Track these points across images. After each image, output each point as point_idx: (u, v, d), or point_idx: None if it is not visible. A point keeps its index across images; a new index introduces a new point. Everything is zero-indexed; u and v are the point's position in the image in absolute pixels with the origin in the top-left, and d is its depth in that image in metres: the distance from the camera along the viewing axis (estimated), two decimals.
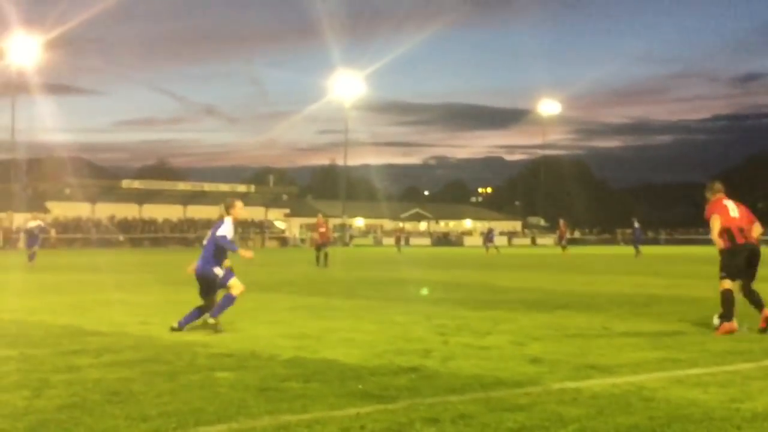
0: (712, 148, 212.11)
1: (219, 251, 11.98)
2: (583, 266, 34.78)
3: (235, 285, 12.07)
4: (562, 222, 54.22)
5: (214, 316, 11.57)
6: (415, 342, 10.52)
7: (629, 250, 55.78)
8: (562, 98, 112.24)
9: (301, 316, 13.75)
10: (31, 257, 30.94)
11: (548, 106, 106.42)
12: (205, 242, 12.14)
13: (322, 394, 7.14)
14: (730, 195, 12.81)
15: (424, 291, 8.59)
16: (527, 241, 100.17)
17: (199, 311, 11.78)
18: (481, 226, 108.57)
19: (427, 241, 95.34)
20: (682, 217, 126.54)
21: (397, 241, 68.91)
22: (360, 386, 7.47)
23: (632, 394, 7.11)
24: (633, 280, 24.18)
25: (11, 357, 9.12)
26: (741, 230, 12.16)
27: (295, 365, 8.67)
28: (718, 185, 12.85)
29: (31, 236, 32.16)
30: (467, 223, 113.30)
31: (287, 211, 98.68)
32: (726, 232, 12.18)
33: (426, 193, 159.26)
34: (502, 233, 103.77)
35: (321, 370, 8.35)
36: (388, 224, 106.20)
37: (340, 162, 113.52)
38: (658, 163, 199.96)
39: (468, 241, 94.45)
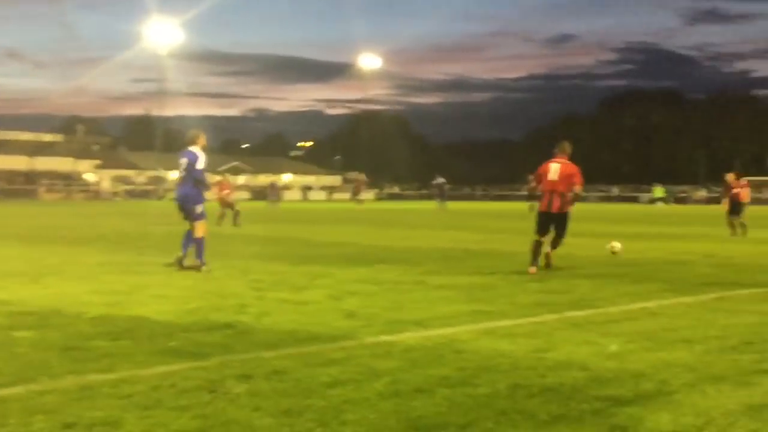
0: (528, 106, 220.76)
1: (199, 183, 13.50)
2: (400, 221, 35.49)
3: (201, 226, 13.51)
4: (357, 176, 54.94)
5: (202, 262, 13.31)
6: (230, 297, 10.42)
7: (445, 205, 57.26)
8: (383, 53, 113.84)
9: (111, 272, 13.33)
10: None
11: (369, 61, 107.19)
12: (182, 172, 13.54)
13: (130, 352, 6.97)
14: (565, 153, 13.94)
15: None
16: (347, 195, 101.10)
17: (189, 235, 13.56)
18: (301, 180, 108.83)
19: (246, 194, 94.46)
20: (499, 173, 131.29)
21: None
22: (171, 343, 7.35)
23: (444, 347, 7.33)
24: (449, 235, 24.90)
25: None
26: (552, 194, 13.29)
27: (103, 323, 8.41)
28: (558, 146, 13.98)
29: None
30: (286, 177, 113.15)
31: (98, 162, 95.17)
32: (543, 194, 13.44)
33: (245, 146, 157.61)
34: (323, 188, 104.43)
35: (130, 327, 8.14)
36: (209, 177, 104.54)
37: (155, 112, 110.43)
38: (476, 120, 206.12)
39: (287, 195, 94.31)
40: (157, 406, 5.33)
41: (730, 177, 26.90)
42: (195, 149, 13.81)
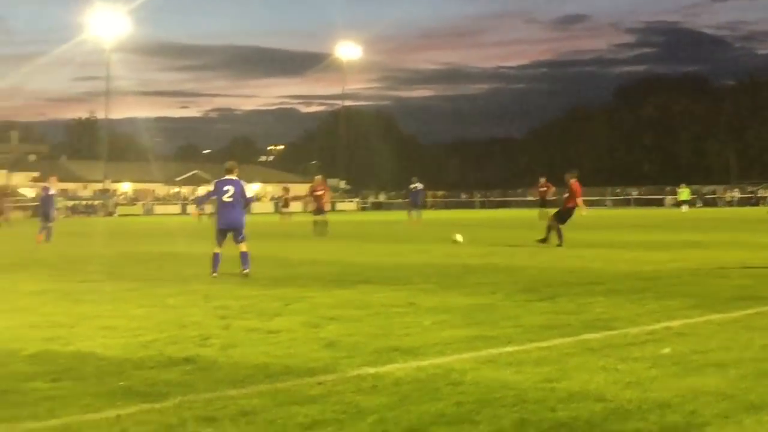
0: (532, 98, 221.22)
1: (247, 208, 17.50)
2: (387, 234, 35.55)
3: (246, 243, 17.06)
4: (284, 187, 54.98)
5: (246, 268, 16.85)
6: (190, 328, 10.41)
7: (440, 214, 57.37)
8: (364, 41, 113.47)
9: (51, 302, 13.31)
10: None
11: (348, 50, 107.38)
12: (229, 199, 16.83)
13: (74, 394, 6.95)
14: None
15: None
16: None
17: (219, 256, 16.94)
18: (273, 189, 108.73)
19: (209, 208, 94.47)
20: (498, 175, 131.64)
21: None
22: (121, 383, 7.33)
23: (439, 378, 7.34)
24: (443, 249, 24.94)
25: None
26: None
27: (43, 361, 8.39)
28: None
29: None
30: (255, 187, 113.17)
31: (36, 174, 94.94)
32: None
33: (206, 151, 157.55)
34: (296, 198, 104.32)
35: (74, 365, 8.12)
36: (161, 189, 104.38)
37: (100, 115, 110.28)
38: (473, 115, 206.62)
39: (256, 207, 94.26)
40: None
41: None
42: (235, 177, 17.20)
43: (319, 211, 35.11)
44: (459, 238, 26.46)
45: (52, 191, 32.89)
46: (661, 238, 28.38)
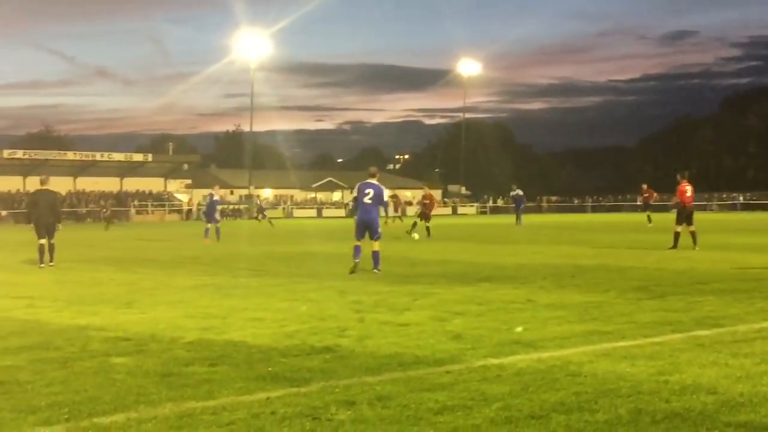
0: (642, 109, 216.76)
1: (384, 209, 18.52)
2: (505, 236, 35.27)
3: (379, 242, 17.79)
4: (393, 194, 53.91)
5: (377, 267, 17.30)
6: (329, 320, 10.55)
7: (553, 218, 56.65)
8: (484, 58, 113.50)
9: (205, 295, 13.64)
10: None
11: (469, 67, 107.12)
12: (369, 201, 17.57)
13: (228, 378, 7.12)
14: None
15: None
16: (448, 210, 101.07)
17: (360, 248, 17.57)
18: (400, 195, 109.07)
19: (341, 212, 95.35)
20: (608, 182, 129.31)
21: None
22: (270, 369, 7.47)
23: (558, 370, 7.27)
24: (559, 250, 24.64)
25: None
26: None
27: (200, 348, 8.61)
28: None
29: None
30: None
31: (189, 181, 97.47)
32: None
33: (340, 160, 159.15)
34: (409, 203, 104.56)
35: (227, 352, 8.32)
36: (298, 195, 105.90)
37: (245, 128, 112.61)
38: (585, 126, 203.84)
39: (384, 211, 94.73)
40: None
41: None
42: (375, 182, 17.91)
43: (425, 217, 35.37)
44: (415, 236, 31.80)
45: (216, 197, 34.28)
46: None
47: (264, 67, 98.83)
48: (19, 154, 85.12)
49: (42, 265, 20.04)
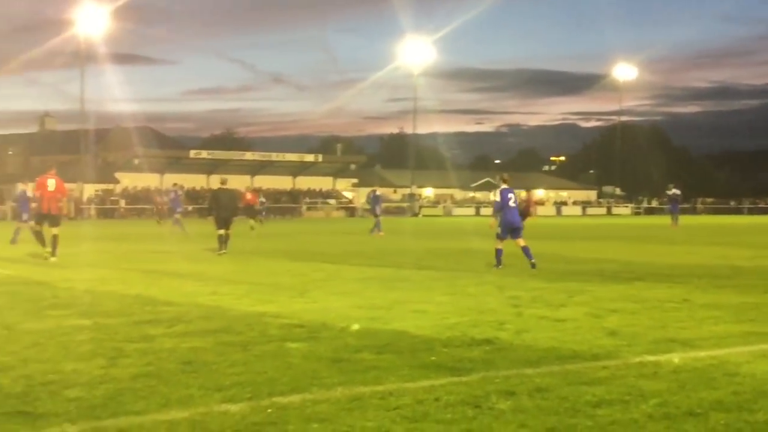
0: None
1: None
2: (661, 237, 34.24)
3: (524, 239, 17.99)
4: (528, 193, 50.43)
5: (533, 258, 17.35)
6: (487, 314, 10.52)
7: (709, 219, 54.53)
8: (640, 62, 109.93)
9: (371, 287, 13.84)
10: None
11: (625, 71, 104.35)
12: (513, 204, 17.91)
13: (394, 365, 7.21)
14: None
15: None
16: (602, 210, 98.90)
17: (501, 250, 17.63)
18: (555, 195, 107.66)
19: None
20: (766, 184, 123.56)
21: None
22: (433, 358, 7.52)
23: (715, 369, 7.02)
24: (715, 251, 23.73)
25: (85, 326, 9.39)
26: None
27: (367, 336, 8.75)
28: None
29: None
30: (539, 193, 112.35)
31: (355, 180, 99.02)
32: None
33: (497, 161, 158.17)
34: (575, 202, 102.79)
35: (393, 341, 8.42)
36: (458, 194, 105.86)
37: (408, 130, 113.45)
38: (743, 128, 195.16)
39: (540, 210, 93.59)
40: (424, 419, 5.49)
41: None
42: (509, 187, 18.24)
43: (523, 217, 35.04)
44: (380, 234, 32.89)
45: (378, 193, 37.78)
46: None
47: (427, 72, 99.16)
48: (204, 154, 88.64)
49: (221, 252, 21.62)
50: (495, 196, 18.33)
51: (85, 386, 6.40)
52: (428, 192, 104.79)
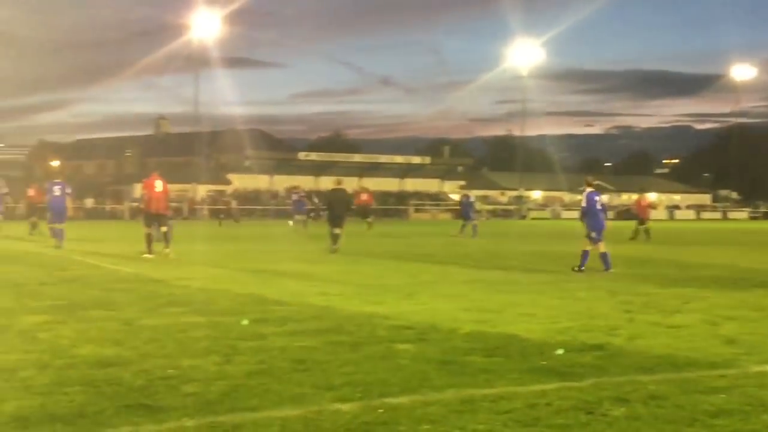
0: None
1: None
2: None
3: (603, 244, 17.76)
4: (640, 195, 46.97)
5: (608, 267, 17.21)
6: (599, 319, 10.36)
7: None
8: (758, 62, 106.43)
9: (479, 290, 13.79)
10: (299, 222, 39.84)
11: (742, 71, 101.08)
12: (600, 207, 17.89)
13: (504, 368, 7.17)
14: None
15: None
16: (717, 215, 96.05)
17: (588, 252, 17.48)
18: (666, 199, 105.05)
19: (610, 214, 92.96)
20: None
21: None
22: (543, 362, 7.45)
23: None
24: None
25: (201, 324, 9.64)
26: None
27: (476, 339, 8.72)
28: None
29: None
30: (651, 196, 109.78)
31: (462, 183, 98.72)
32: None
33: (607, 164, 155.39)
34: (689, 206, 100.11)
35: (502, 344, 8.37)
36: (567, 197, 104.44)
37: (516, 132, 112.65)
38: None
39: (652, 214, 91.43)
40: (536, 423, 5.45)
41: None
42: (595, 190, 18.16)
43: (642, 221, 34.68)
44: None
45: (471, 198, 37.23)
46: None
47: (535, 74, 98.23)
48: (313, 156, 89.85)
49: (333, 249, 22.80)
50: (582, 200, 18.27)
51: (202, 382, 6.58)
52: (536, 195, 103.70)
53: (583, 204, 18.05)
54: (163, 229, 21.16)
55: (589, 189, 18.10)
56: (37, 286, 13.63)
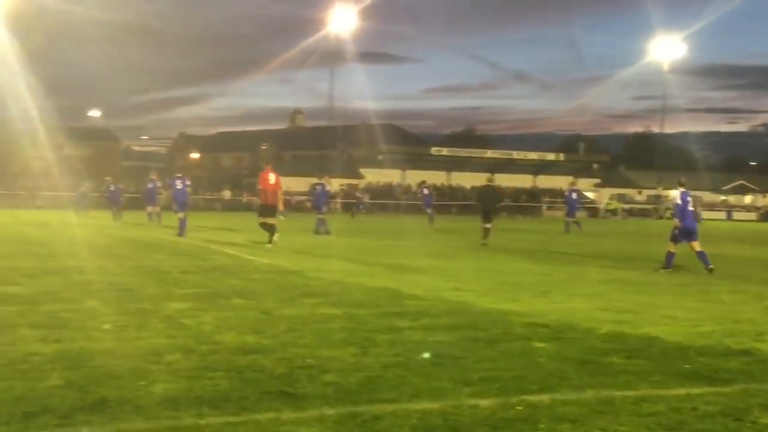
0: None
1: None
2: None
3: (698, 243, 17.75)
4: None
5: (708, 265, 17.08)
6: (744, 323, 10.02)
7: None
8: None
9: (616, 290, 13.53)
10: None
11: None
12: (692, 208, 18.04)
13: (645, 371, 7.03)
14: None
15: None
16: None
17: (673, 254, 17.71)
18: None
19: (753, 215, 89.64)
20: None
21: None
22: (687, 366, 7.26)
23: None
24: None
25: (337, 315, 9.81)
26: None
27: (615, 340, 8.58)
28: None
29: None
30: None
31: (597, 180, 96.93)
32: None
33: (753, 163, 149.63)
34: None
35: (642, 346, 8.20)
36: (708, 197, 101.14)
37: (655, 129, 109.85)
38: None
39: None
40: (681, 428, 5.33)
41: None
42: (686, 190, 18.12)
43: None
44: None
45: (574, 195, 37.83)
46: None
47: (676, 69, 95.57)
48: (445, 151, 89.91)
49: (484, 241, 24.60)
50: (676, 199, 18.18)
51: (341, 372, 6.70)
52: (676, 194, 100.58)
53: (678, 202, 18.02)
54: (270, 221, 22.02)
55: (681, 189, 18.16)
56: (179, 275, 14.17)
